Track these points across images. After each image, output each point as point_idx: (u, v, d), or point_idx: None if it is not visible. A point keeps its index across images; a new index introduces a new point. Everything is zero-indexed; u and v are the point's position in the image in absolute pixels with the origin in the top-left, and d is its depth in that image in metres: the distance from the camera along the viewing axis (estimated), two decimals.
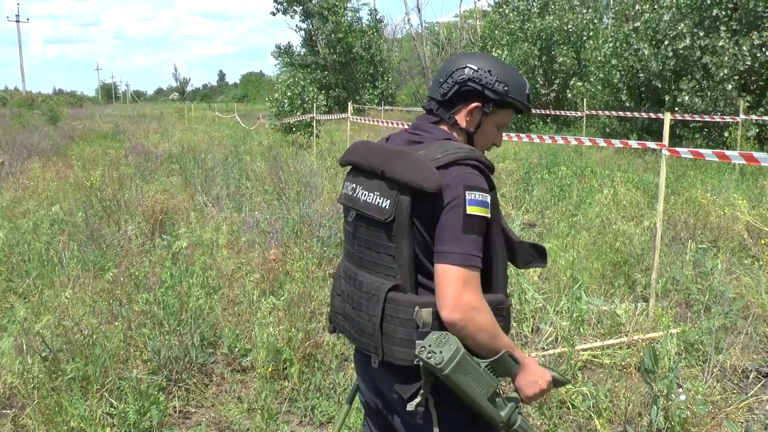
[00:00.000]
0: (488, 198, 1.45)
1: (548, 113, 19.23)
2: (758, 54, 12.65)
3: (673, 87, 14.23)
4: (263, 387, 3.23)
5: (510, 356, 1.43)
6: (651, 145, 4.91)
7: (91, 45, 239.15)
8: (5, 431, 2.92)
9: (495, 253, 1.52)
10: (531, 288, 4.29)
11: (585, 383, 3.29)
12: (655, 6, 14.70)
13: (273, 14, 35.51)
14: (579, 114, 16.69)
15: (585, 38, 20.81)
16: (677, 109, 13.48)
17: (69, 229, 5.96)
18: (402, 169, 1.44)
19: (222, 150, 12.41)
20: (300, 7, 34.12)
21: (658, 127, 13.95)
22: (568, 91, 20.14)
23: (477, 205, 1.42)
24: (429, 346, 1.36)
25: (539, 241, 4.82)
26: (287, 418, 3.15)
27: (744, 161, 3.69)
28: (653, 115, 13.04)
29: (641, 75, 15.22)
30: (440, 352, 1.34)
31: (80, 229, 5.91)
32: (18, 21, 57.12)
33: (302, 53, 35.96)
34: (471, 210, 1.41)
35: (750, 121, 11.79)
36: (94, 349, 3.23)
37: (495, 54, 21.49)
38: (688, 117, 12.40)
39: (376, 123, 11.57)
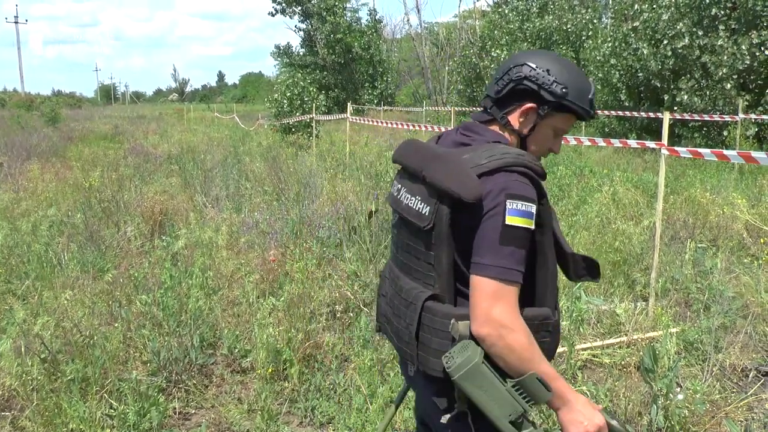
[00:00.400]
0: (533, 208, 1.34)
1: None
2: (757, 53, 12.66)
3: (672, 86, 14.24)
4: (263, 388, 3.23)
5: (538, 380, 1.30)
6: (650, 145, 4.92)
7: (90, 46, 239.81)
8: None
9: (543, 264, 1.43)
10: None
11: (585, 383, 3.29)
12: (654, 5, 14.71)
13: (272, 15, 35.52)
14: None
15: (584, 38, 20.86)
16: (676, 109, 13.50)
17: (68, 231, 5.95)
18: (442, 175, 1.37)
19: (221, 151, 12.39)
20: (299, 8, 34.13)
21: (657, 127, 13.97)
22: None
23: (518, 216, 1.32)
24: (452, 352, 1.33)
25: None
26: (287, 419, 3.14)
27: (743, 161, 3.68)
28: (652, 115, 13.04)
29: (640, 74, 15.23)
30: (455, 358, 1.30)
31: (79, 231, 5.91)
32: (17, 22, 57.16)
33: (301, 54, 35.93)
34: (510, 220, 1.31)
35: (749, 120, 11.80)
36: (94, 351, 3.23)
37: (494, 54, 21.53)
38: (687, 116, 12.39)
39: (376, 123, 11.56)
